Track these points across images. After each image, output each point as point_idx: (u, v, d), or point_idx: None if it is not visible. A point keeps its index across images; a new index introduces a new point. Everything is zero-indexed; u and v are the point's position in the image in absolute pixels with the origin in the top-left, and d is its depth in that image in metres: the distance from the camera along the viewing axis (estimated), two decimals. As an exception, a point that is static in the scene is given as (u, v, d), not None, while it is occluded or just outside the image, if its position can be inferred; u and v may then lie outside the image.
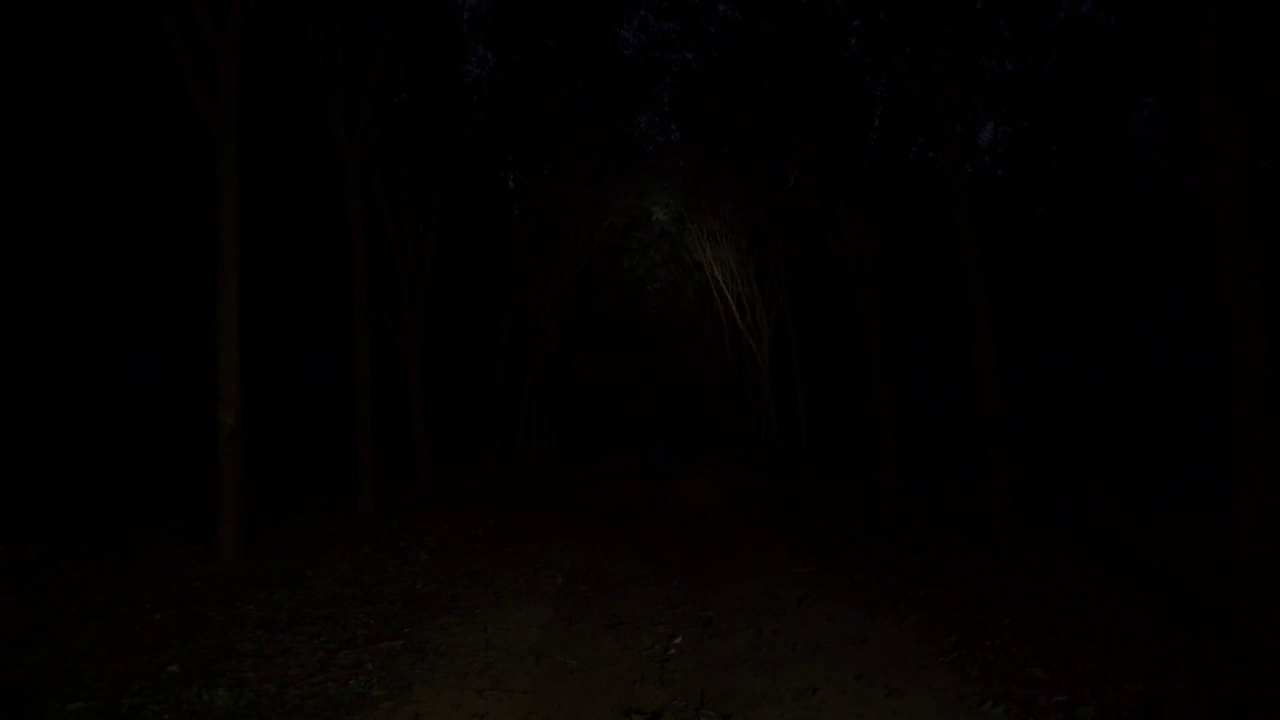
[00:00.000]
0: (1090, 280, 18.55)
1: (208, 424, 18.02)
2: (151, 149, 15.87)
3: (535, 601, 6.61)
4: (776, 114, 13.34)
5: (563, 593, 6.97)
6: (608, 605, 6.50)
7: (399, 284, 14.45)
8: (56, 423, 17.47)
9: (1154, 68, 14.97)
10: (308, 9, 11.14)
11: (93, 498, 13.19)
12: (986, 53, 16.78)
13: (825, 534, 10.23)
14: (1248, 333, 5.21)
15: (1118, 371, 18.79)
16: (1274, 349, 5.24)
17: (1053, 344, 20.51)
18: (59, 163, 15.18)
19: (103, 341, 16.03)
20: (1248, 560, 5.23)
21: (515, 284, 21.52)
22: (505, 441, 22.10)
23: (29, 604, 6.16)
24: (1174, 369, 17.28)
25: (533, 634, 5.59)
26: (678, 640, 5.42)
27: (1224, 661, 4.65)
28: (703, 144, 21.32)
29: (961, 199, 9.26)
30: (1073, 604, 6.11)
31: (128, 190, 15.88)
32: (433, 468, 14.45)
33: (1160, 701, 4.13)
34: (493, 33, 17.48)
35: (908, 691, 4.38)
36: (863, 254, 12.32)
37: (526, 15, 17.54)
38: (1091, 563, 7.66)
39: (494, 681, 4.57)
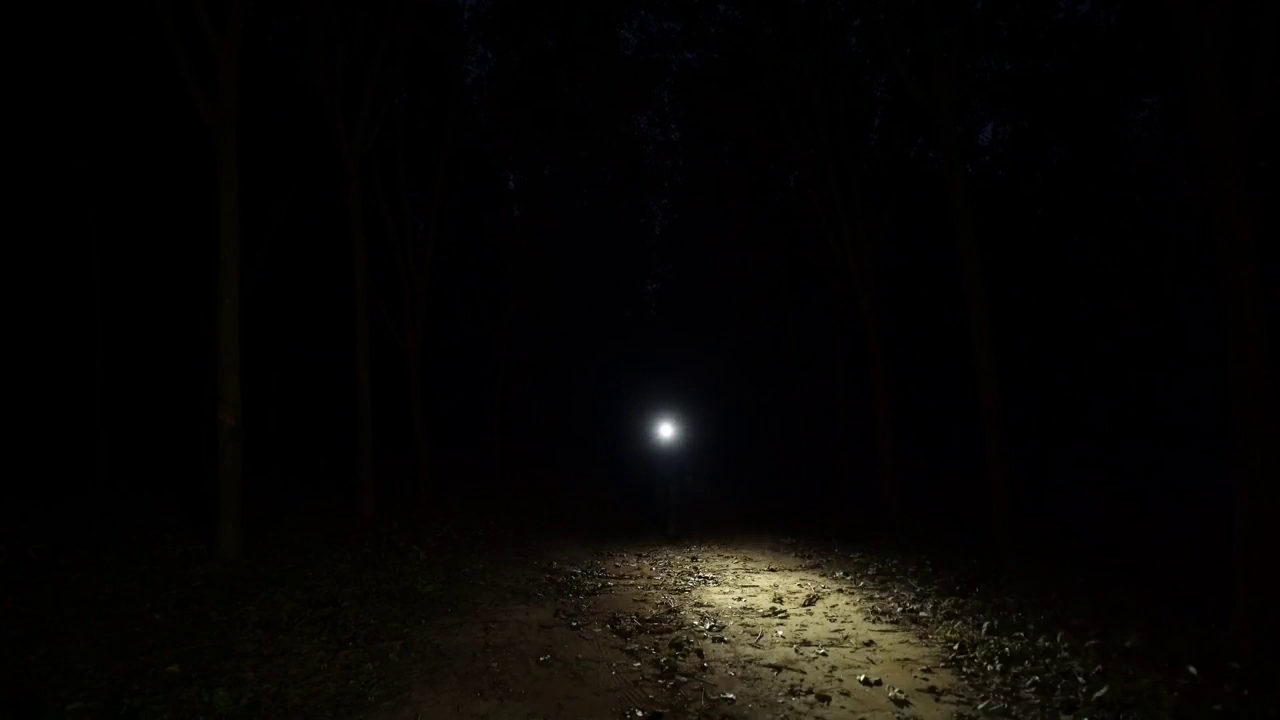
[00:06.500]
0: (1093, 279, 18.48)
1: (207, 424, 18.01)
2: (150, 148, 15.86)
3: (535, 602, 6.61)
4: (776, 114, 13.33)
5: (563, 593, 6.97)
6: (609, 606, 6.50)
7: (399, 284, 14.44)
8: (57, 423, 17.47)
9: (1154, 68, 14.95)
10: (308, 9, 11.14)
11: (93, 498, 13.18)
12: (986, 53, 16.76)
13: (827, 537, 10.26)
14: (1247, 332, 5.21)
15: (1120, 372, 18.73)
16: (1274, 349, 5.23)
17: (1055, 345, 20.43)
18: (58, 163, 15.18)
19: (103, 341, 16.03)
20: (1239, 565, 5.20)
21: (515, 284, 21.50)
22: (506, 442, 22.06)
23: (29, 604, 6.16)
24: (1175, 369, 17.23)
25: (533, 634, 5.59)
26: (679, 641, 5.43)
27: (1222, 663, 4.66)
28: (703, 144, 21.28)
29: (961, 199, 9.27)
30: (1071, 605, 6.13)
31: (127, 191, 15.88)
32: (433, 468, 14.44)
33: (1159, 702, 4.15)
34: (493, 33, 17.45)
35: (910, 692, 4.40)
36: (862, 254, 12.33)
37: (527, 15, 17.50)
38: (1090, 563, 7.68)
39: (494, 682, 4.57)
